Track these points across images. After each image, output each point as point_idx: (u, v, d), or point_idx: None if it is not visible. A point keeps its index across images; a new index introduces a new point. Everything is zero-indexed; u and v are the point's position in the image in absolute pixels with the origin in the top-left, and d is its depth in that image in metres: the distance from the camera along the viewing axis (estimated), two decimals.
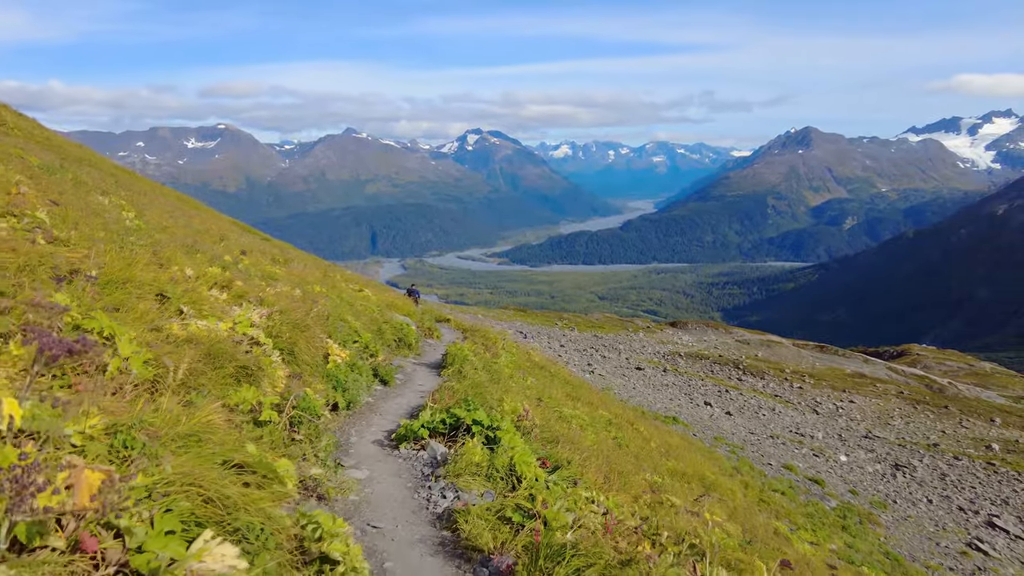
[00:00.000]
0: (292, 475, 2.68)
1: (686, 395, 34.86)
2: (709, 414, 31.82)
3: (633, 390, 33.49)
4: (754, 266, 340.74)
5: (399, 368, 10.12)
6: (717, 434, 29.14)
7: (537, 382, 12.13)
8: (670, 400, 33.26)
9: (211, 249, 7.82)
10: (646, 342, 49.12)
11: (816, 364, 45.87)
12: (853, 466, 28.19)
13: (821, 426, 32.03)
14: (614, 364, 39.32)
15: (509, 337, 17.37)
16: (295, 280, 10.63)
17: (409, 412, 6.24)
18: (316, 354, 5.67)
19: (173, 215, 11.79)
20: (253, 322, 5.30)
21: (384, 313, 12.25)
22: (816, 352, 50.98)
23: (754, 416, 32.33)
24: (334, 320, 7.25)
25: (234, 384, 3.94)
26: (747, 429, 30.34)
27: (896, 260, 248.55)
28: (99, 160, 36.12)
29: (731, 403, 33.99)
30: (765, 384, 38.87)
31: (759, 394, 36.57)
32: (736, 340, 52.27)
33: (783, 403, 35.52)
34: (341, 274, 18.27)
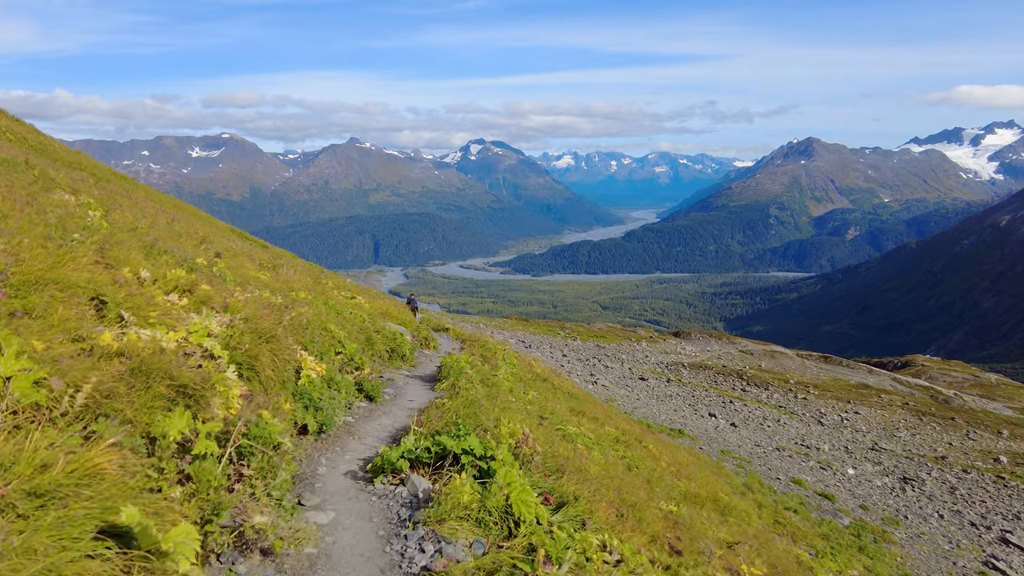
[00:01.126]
0: (191, 545, 1.93)
1: (690, 406, 34.21)
2: (714, 426, 31.12)
3: (637, 401, 32.89)
4: (757, 276, 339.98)
5: (389, 382, 9.36)
6: (723, 447, 28.57)
7: (539, 396, 11.36)
8: (674, 411, 32.66)
9: (180, 251, 7.09)
10: (649, 352, 48.62)
11: (820, 375, 45.30)
12: (861, 480, 27.61)
13: (827, 438, 31.33)
14: (617, 374, 38.72)
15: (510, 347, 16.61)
16: (279, 286, 9.90)
17: (392, 435, 5.47)
18: (285, 368, 4.93)
19: (154, 218, 11.08)
20: (211, 331, 4.57)
21: (376, 322, 11.50)
22: (820, 363, 50.32)
23: (759, 428, 31.66)
24: (313, 329, 6.51)
25: (169, 407, 3.21)
26: (753, 441, 29.66)
27: (899, 270, 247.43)
28: (94, 166, 35.58)
29: (736, 414, 33.37)
30: (769, 395, 38.34)
31: (763, 405, 35.95)
32: (739, 350, 51.62)
33: (788, 414, 34.82)
34: (334, 281, 17.51)
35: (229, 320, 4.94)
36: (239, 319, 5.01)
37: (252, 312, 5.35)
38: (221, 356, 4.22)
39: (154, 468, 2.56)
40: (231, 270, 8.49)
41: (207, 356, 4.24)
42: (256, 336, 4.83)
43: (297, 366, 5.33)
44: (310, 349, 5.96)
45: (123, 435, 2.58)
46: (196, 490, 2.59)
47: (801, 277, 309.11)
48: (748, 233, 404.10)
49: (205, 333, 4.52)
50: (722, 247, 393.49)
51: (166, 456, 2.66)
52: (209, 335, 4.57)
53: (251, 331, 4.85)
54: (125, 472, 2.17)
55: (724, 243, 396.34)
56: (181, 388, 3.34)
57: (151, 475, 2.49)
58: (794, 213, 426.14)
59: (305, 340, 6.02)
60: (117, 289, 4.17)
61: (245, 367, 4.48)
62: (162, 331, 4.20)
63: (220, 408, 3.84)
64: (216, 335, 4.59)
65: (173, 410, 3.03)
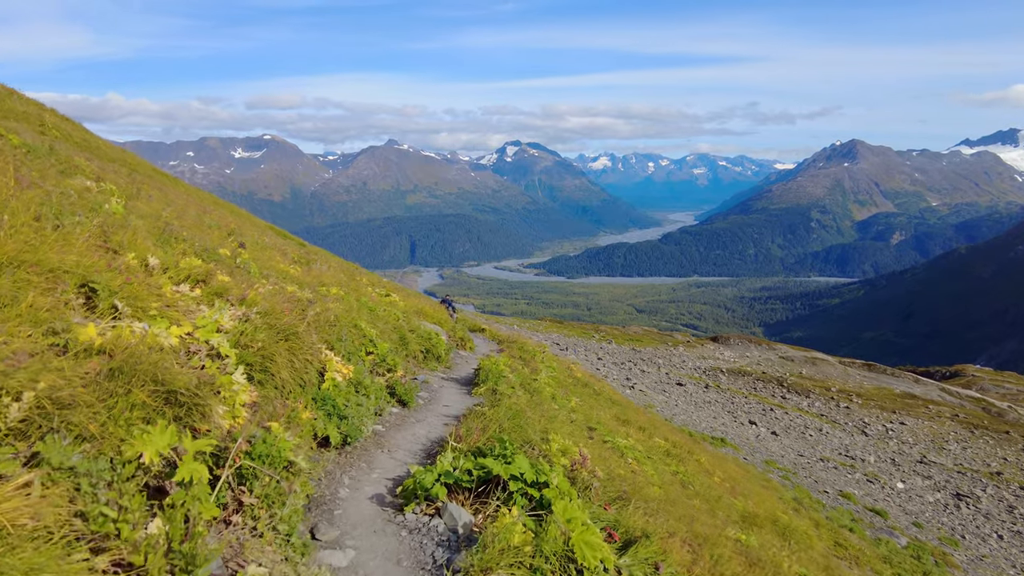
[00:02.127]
0: None
1: (729, 413, 33.31)
2: (755, 434, 30.18)
3: (676, 408, 32.09)
4: (797, 281, 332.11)
5: (423, 384, 8.72)
6: (767, 457, 27.69)
7: (582, 403, 10.60)
8: (713, 418, 31.83)
9: (200, 239, 6.55)
10: (686, 357, 47.78)
11: (863, 383, 44.02)
12: (912, 494, 26.49)
13: (872, 449, 30.30)
14: (654, 379, 37.90)
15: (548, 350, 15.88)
16: (309, 281, 9.36)
17: (427, 448, 4.78)
18: (306, 370, 4.30)
19: (183, 209, 10.67)
20: (221, 326, 3.96)
21: (411, 320, 10.88)
22: (863, 371, 48.93)
23: (800, 436, 30.77)
24: (342, 327, 5.89)
25: (156, 418, 2.59)
26: (795, 451, 28.53)
27: (947, 277, 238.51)
28: (137, 162, 35.99)
29: (776, 422, 32.52)
30: (810, 403, 37.45)
31: (804, 413, 35.02)
32: (779, 356, 50.39)
33: (830, 423, 33.78)
34: (369, 278, 17.00)
35: (244, 314, 4.33)
36: (256, 313, 4.39)
37: (272, 306, 4.74)
38: (229, 355, 3.60)
39: (114, 505, 1.92)
40: (258, 262, 7.96)
41: (213, 355, 3.62)
42: (274, 333, 4.21)
43: (321, 367, 4.69)
44: (337, 348, 5.33)
45: (78, 459, 1.95)
46: (169, 533, 1.94)
47: (843, 282, 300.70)
48: (788, 237, 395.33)
49: (214, 328, 3.91)
50: (762, 251, 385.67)
51: (128, 488, 2.02)
52: (219, 330, 3.96)
53: (268, 327, 4.23)
54: (58, 521, 1.52)
55: (764, 246, 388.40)
56: (171, 395, 2.71)
57: (106, 515, 1.85)
58: (836, 217, 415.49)
59: (332, 338, 5.39)
60: (112, 275, 3.58)
61: (257, 368, 3.84)
62: (162, 325, 3.59)
63: (225, 417, 3.21)
64: (227, 330, 3.97)
65: (156, 422, 2.40)
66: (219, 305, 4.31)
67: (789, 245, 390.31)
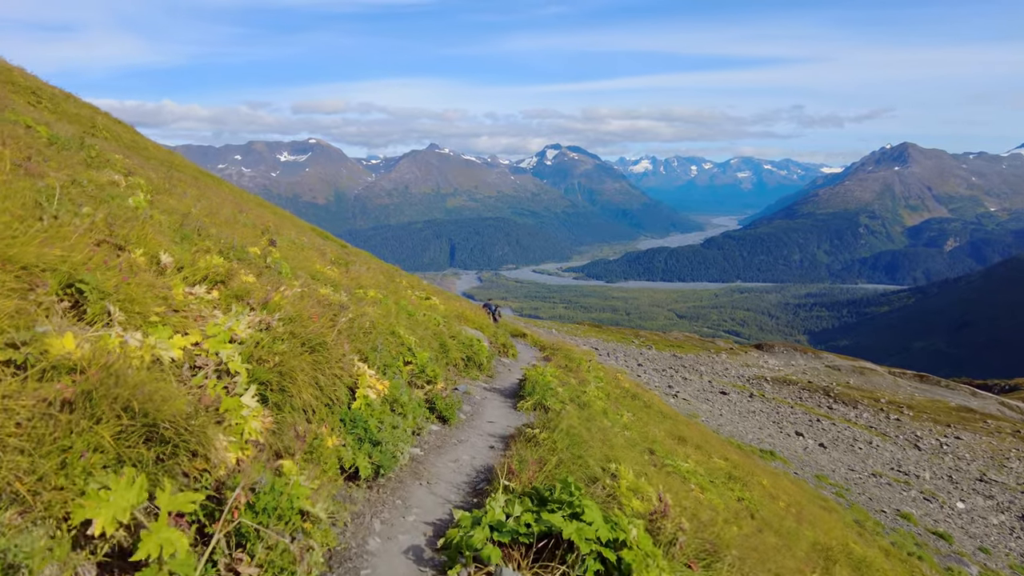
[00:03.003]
0: None
1: (775, 423, 32.23)
2: (803, 446, 29.04)
3: (720, 417, 31.13)
4: (844, 288, 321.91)
5: (465, 395, 8.06)
6: (817, 471, 26.65)
7: (634, 418, 9.82)
8: (759, 429, 30.78)
9: (228, 236, 6.03)
10: (729, 364, 46.73)
11: (915, 395, 42.42)
12: (974, 516, 25.14)
13: (926, 464, 28.93)
14: (696, 387, 36.89)
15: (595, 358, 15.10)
16: (347, 283, 8.82)
17: (471, 480, 4.10)
18: (334, 386, 3.68)
19: (218, 206, 10.28)
20: (235, 335, 3.37)
21: (451, 326, 10.27)
22: (915, 382, 47.12)
23: (849, 449, 29.59)
24: (378, 334, 5.28)
25: (132, 459, 1.98)
26: (845, 465, 27.31)
27: (1005, 285, 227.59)
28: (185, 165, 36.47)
29: (823, 434, 31.35)
30: (858, 414, 36.19)
31: (853, 425, 33.73)
32: (826, 365, 48.88)
33: (880, 436, 32.43)
34: (408, 280, 16.48)
35: (264, 321, 3.73)
36: (279, 320, 3.79)
37: (299, 311, 4.14)
38: (240, 371, 3.00)
39: None
40: (292, 262, 7.44)
41: (222, 371, 3.02)
42: (298, 344, 3.60)
43: (352, 382, 4.07)
44: (371, 360, 4.70)
45: None
46: None
47: (892, 290, 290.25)
48: (835, 242, 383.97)
49: (226, 338, 3.31)
50: (807, 256, 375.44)
51: None
52: (232, 340, 3.36)
53: (292, 336, 3.63)
54: None
55: (809, 252, 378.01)
56: (152, 430, 2.10)
57: None
58: (886, 222, 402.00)
59: (366, 348, 4.77)
60: (107, 274, 3.01)
61: (274, 387, 3.22)
62: (164, 334, 3.00)
63: (231, 450, 2.59)
64: (242, 340, 3.38)
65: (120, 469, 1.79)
66: (237, 310, 3.72)
67: (836, 251, 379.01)
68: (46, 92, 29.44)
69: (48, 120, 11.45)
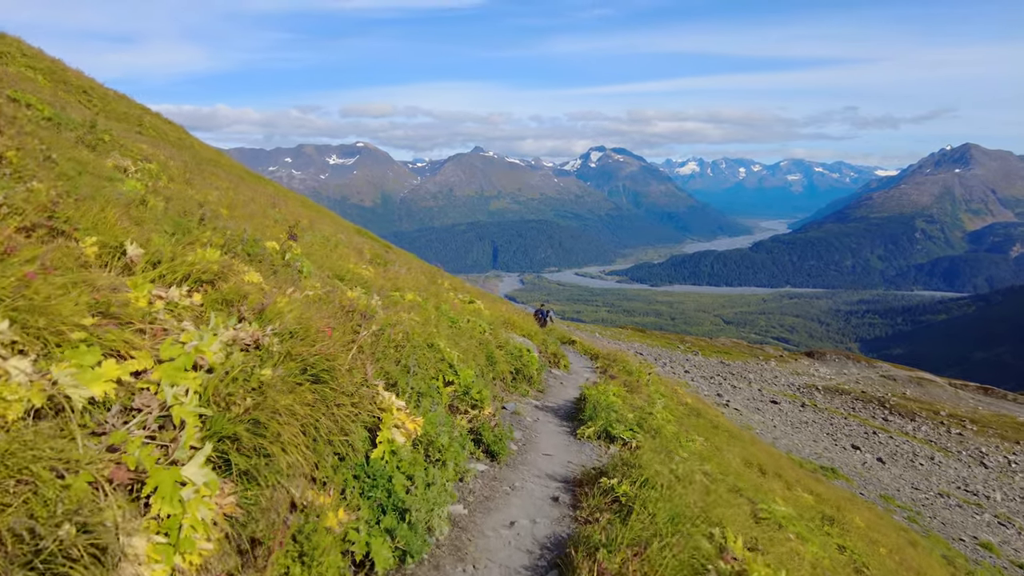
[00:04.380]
0: None
1: (828, 435, 30.95)
2: (860, 461, 27.65)
3: (774, 429, 29.83)
4: (899, 294, 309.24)
5: (514, 416, 6.93)
6: (882, 491, 25.24)
7: (706, 443, 8.54)
8: (814, 441, 29.39)
9: (236, 228, 5.05)
10: (778, 372, 45.41)
11: (978, 408, 40.00)
12: None
13: (995, 484, 27.10)
14: (746, 396, 35.43)
15: (656, 370, 13.77)
16: (384, 284, 7.82)
17: (535, 563, 2.94)
18: (345, 431, 2.60)
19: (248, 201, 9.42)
20: (200, 361, 2.32)
21: (498, 333, 9.17)
22: (978, 394, 44.70)
23: (910, 465, 28.06)
24: (413, 348, 4.21)
25: None
26: (909, 483, 25.83)
27: None
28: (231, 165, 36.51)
29: (881, 447, 29.94)
30: (916, 427, 34.37)
31: (911, 438, 32.06)
32: (880, 375, 46.97)
33: (941, 451, 30.68)
34: (451, 282, 15.45)
35: (254, 336, 2.69)
36: (272, 335, 2.74)
37: (306, 321, 3.09)
38: (189, 420, 1.94)
39: None
40: (318, 260, 6.46)
41: (162, 421, 1.97)
42: (296, 368, 2.54)
43: (373, 420, 3.00)
44: (402, 385, 3.61)
45: None
46: None
47: (951, 297, 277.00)
48: (890, 247, 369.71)
49: (188, 363, 2.26)
50: (860, 262, 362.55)
51: None
52: (197, 367, 2.32)
53: (288, 358, 2.57)
54: None
55: (862, 257, 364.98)
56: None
57: None
58: (945, 227, 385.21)
59: (396, 369, 3.70)
60: (6, 270, 2.00)
61: (245, 445, 2.14)
62: (86, 359, 1.97)
63: (153, 565, 1.53)
64: (211, 366, 2.33)
65: None
66: (217, 322, 2.68)
67: (890, 256, 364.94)
68: (98, 92, 29.60)
69: (62, 104, 10.80)
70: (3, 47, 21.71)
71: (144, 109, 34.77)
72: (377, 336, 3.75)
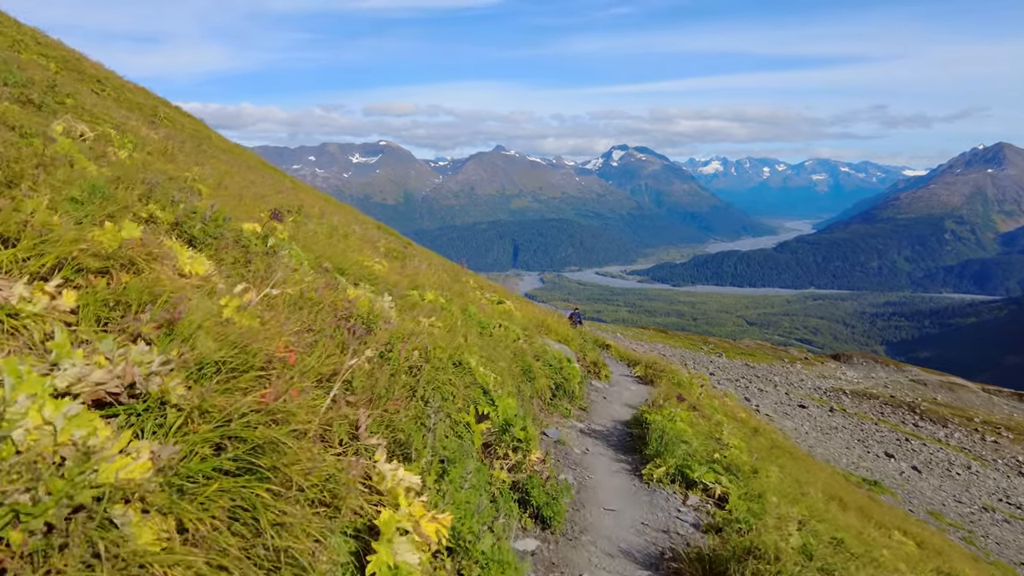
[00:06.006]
0: None
1: (860, 442, 29.90)
2: (896, 469, 26.61)
3: (807, 436, 29.00)
4: (927, 297, 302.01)
5: (558, 447, 5.54)
6: (928, 506, 22.96)
7: (781, 474, 7.09)
8: (846, 448, 28.35)
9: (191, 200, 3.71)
10: (804, 375, 44.30)
11: (1014, 415, 38.59)
12: None
13: None
14: (773, 400, 34.24)
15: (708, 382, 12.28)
16: (400, 281, 6.50)
17: None
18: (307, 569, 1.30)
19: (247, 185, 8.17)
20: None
21: (533, 340, 7.79)
22: (1013, 400, 42.84)
23: (947, 475, 27.20)
24: (433, 373, 2.86)
25: None
26: (950, 495, 24.72)
27: None
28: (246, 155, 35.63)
29: (914, 455, 28.97)
30: (948, 434, 33.36)
31: (944, 446, 30.97)
32: (910, 379, 45.31)
33: (977, 460, 29.55)
34: (475, 280, 14.08)
35: (124, 376, 1.40)
36: (176, 368, 1.43)
37: (251, 340, 1.78)
38: None
39: None
40: (318, 249, 5.14)
41: None
42: (207, 446, 1.25)
43: (364, 523, 1.66)
44: (416, 445, 2.25)
45: None
46: None
47: (982, 300, 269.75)
48: (918, 249, 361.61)
49: None
50: (886, 263, 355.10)
51: None
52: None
53: (198, 418, 1.28)
54: None
55: (889, 259, 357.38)
56: None
57: None
58: (976, 228, 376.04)
59: (406, 420, 2.35)
60: None
61: None
62: None
63: None
64: (24, 447, 1.05)
65: None
66: (61, 348, 1.38)
67: (918, 258, 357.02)
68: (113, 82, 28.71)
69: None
70: (17, 35, 20.85)
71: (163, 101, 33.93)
72: (381, 360, 2.40)
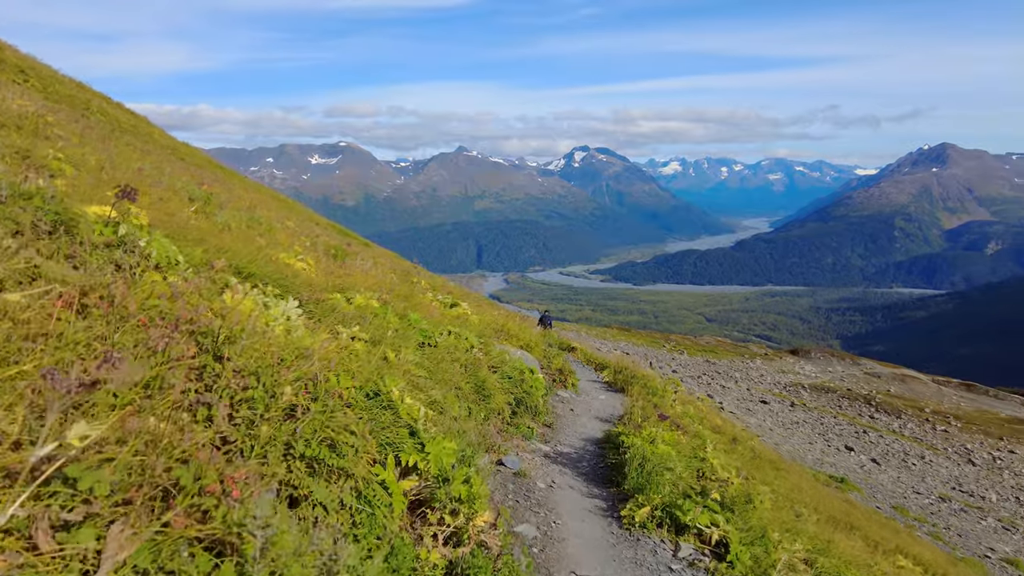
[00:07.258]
0: None
1: (820, 435, 30.43)
2: (857, 463, 27.03)
3: (771, 432, 29.38)
4: (879, 292, 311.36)
5: (519, 483, 4.54)
6: (892, 501, 22.88)
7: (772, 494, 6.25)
8: (808, 443, 28.57)
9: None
10: (764, 371, 44.68)
11: (962, 404, 39.68)
12: None
13: (987, 483, 26.48)
14: (735, 396, 34.31)
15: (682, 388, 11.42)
16: (324, 283, 5.41)
17: None
18: None
19: (155, 166, 6.95)
20: None
21: (490, 348, 6.78)
22: (961, 390, 44.17)
23: (903, 465, 27.38)
24: (322, 419, 1.87)
25: None
26: (909, 486, 25.04)
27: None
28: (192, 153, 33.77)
29: (872, 447, 29.36)
30: (902, 424, 34.13)
31: (899, 436, 31.63)
32: (865, 372, 46.41)
33: (930, 449, 30.24)
34: (430, 281, 12.95)
35: None
36: None
37: None
38: None
39: None
40: (208, 241, 4.03)
41: None
42: None
43: None
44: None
45: None
46: None
47: (930, 294, 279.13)
48: (870, 246, 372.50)
49: None
50: (840, 260, 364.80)
51: None
52: None
53: None
54: None
55: (843, 256, 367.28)
56: None
57: None
58: (923, 225, 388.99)
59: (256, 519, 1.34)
60: None
61: None
62: None
63: None
64: None
65: None
66: None
67: (870, 254, 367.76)
68: (40, 72, 26.61)
69: None
70: None
71: (94, 93, 31.77)
72: (233, 408, 1.38)
